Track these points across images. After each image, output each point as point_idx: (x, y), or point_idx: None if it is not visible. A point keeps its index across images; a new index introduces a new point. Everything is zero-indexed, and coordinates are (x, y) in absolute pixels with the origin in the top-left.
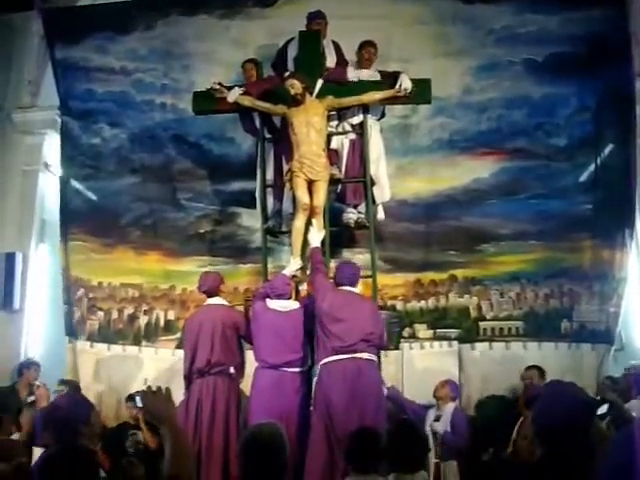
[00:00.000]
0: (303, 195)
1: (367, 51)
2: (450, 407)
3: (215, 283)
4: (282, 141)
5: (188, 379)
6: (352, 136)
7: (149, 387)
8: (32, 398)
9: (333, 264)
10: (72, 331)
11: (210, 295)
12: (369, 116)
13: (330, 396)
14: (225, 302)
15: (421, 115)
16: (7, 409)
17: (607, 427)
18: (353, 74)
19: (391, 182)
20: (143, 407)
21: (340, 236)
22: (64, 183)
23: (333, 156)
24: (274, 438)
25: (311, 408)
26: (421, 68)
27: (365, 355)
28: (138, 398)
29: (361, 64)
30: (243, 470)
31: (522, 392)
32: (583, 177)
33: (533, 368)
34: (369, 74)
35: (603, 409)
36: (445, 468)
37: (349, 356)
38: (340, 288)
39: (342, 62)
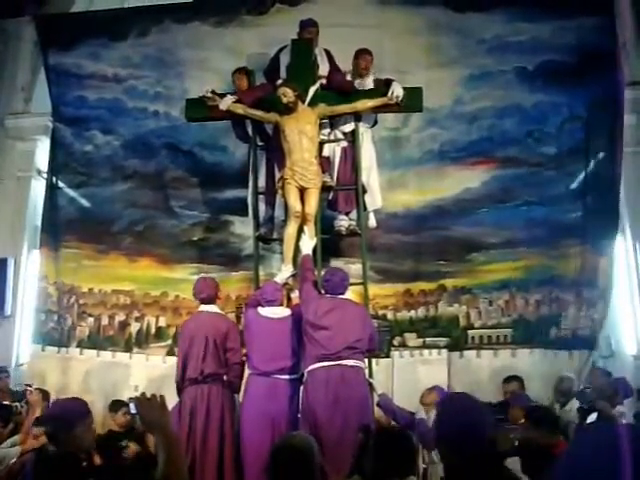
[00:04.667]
0: (295, 202)
1: (364, 59)
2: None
3: (212, 291)
4: (274, 149)
5: (179, 386)
6: (344, 144)
7: (143, 394)
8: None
9: (324, 272)
10: (39, 339)
11: (205, 302)
12: (361, 124)
13: (314, 403)
14: (219, 310)
15: (412, 127)
16: None
17: None
18: (356, 83)
19: (382, 195)
20: (137, 414)
21: (332, 244)
22: (52, 189)
23: (325, 164)
24: (305, 448)
25: (299, 415)
26: (413, 77)
27: (350, 362)
28: (132, 405)
29: (358, 73)
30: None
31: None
32: (573, 185)
33: (513, 380)
34: (369, 83)
35: (592, 417)
36: (431, 472)
37: (333, 363)
38: (327, 296)
39: (335, 70)
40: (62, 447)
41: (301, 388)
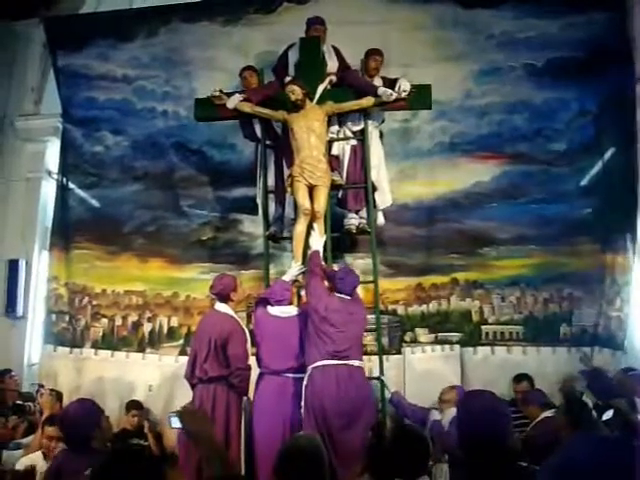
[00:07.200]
0: (304, 200)
1: (374, 59)
2: (453, 411)
3: (225, 287)
4: (283, 147)
5: (188, 381)
6: (353, 142)
7: (185, 408)
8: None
9: (338, 269)
10: (51, 339)
11: (220, 299)
12: (369, 122)
13: (322, 396)
14: (230, 311)
15: (422, 119)
16: None
17: (611, 432)
18: None
19: (392, 186)
20: (182, 428)
21: (341, 241)
22: (62, 190)
23: (334, 162)
24: (312, 449)
25: (301, 410)
26: (422, 73)
27: (356, 362)
28: (175, 419)
29: (367, 73)
30: None
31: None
32: (584, 181)
33: (524, 379)
34: (378, 83)
35: (609, 415)
36: (436, 470)
37: (342, 362)
38: (336, 295)
39: (343, 67)
40: (79, 446)
41: (304, 382)
